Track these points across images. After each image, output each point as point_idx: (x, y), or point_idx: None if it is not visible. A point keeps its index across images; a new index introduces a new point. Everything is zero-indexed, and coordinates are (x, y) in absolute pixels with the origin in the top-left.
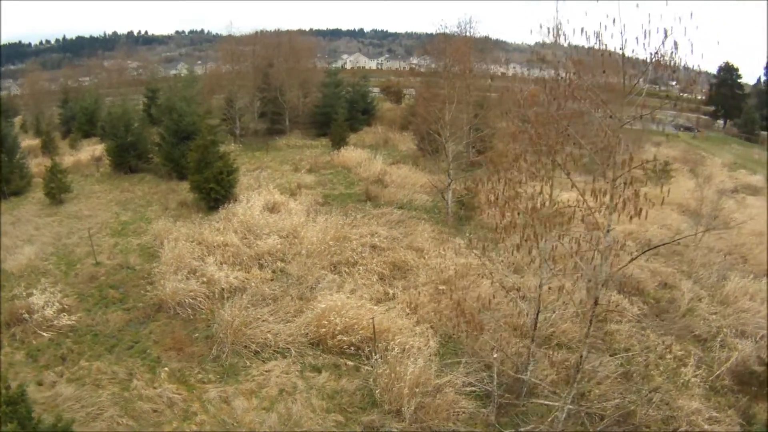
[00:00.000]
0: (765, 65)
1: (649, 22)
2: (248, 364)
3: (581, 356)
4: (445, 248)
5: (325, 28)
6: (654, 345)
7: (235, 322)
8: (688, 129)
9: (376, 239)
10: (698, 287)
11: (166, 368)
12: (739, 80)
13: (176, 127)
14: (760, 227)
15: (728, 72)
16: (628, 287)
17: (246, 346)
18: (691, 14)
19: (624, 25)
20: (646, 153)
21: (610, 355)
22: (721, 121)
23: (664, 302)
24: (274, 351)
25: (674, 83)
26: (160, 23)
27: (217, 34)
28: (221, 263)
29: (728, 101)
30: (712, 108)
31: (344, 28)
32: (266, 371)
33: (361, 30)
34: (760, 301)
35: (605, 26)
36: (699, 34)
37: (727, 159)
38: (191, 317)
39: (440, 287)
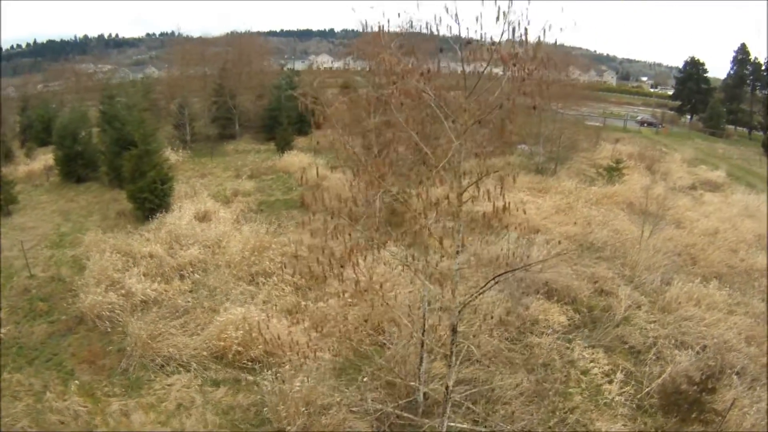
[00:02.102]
0: (732, 60)
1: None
2: (153, 377)
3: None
4: (368, 257)
5: (296, 29)
6: (578, 359)
7: (143, 335)
8: (651, 124)
9: (300, 248)
10: (639, 293)
11: (77, 381)
12: (705, 75)
13: (118, 135)
14: (714, 225)
15: (694, 67)
16: (558, 295)
17: (153, 360)
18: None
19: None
20: (602, 150)
21: (528, 371)
22: (687, 117)
23: (598, 311)
24: (178, 364)
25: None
26: (131, 26)
27: (188, 36)
28: (144, 275)
29: (694, 96)
30: (678, 103)
31: (315, 29)
32: (168, 385)
33: (332, 30)
34: (706, 307)
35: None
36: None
37: (687, 154)
38: (108, 330)
39: (349, 299)
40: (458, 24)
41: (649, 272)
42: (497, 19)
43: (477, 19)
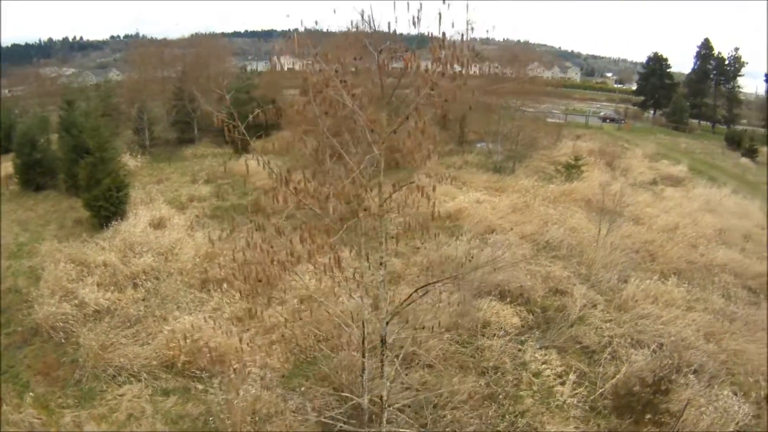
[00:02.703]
0: (695, 55)
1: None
2: (105, 388)
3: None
4: (321, 260)
5: (259, 29)
6: (530, 360)
7: (95, 346)
8: (613, 120)
9: (253, 253)
10: (595, 292)
11: (32, 393)
12: (668, 70)
13: (75, 143)
14: (674, 220)
15: (657, 62)
16: (512, 295)
17: (105, 370)
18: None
19: None
20: (562, 147)
21: (479, 374)
22: (651, 112)
23: (553, 311)
24: (130, 374)
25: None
26: (96, 28)
27: (152, 38)
28: (98, 284)
29: (657, 91)
30: (641, 98)
31: (278, 29)
32: (119, 395)
33: (296, 30)
34: (663, 304)
35: None
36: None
37: (649, 150)
38: (63, 341)
39: (298, 305)
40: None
41: (606, 270)
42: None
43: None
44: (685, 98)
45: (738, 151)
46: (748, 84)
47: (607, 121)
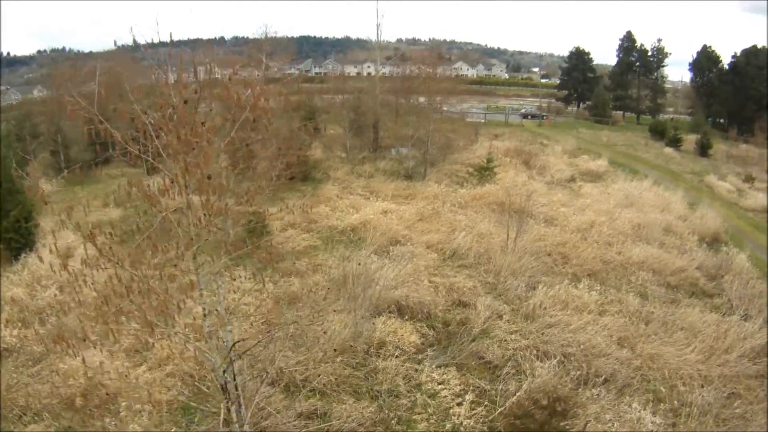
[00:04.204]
0: (618, 48)
1: None
2: (12, 428)
3: None
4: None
5: (186, 38)
6: (426, 381)
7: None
8: (534, 117)
9: (154, 282)
10: (501, 301)
11: None
12: (591, 64)
13: None
14: (590, 219)
15: (579, 57)
16: (411, 311)
17: (11, 411)
18: None
19: None
20: (479, 148)
21: (372, 399)
22: (574, 106)
23: (455, 325)
24: (34, 414)
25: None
26: (23, 42)
27: (79, 51)
28: (6, 321)
29: (580, 85)
30: (565, 93)
31: (204, 37)
32: None
33: (222, 38)
34: (574, 310)
35: None
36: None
37: (569, 145)
38: None
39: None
40: None
41: (514, 277)
42: None
43: None
44: (609, 91)
45: (662, 141)
46: (675, 73)
47: (529, 117)
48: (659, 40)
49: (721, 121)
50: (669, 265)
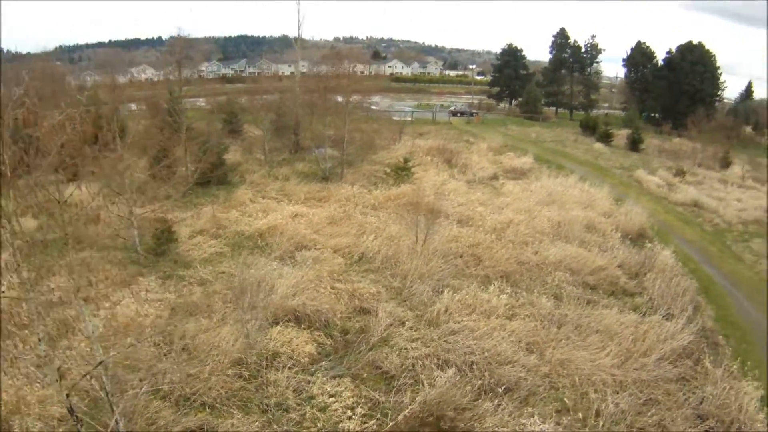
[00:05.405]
0: (551, 44)
1: None
2: None
3: None
4: (127, 292)
5: (123, 39)
6: (318, 393)
7: None
8: (463, 114)
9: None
10: (405, 307)
11: None
12: (523, 60)
13: None
14: (507, 218)
15: (511, 54)
16: (309, 320)
17: None
18: None
19: None
20: (400, 148)
21: (261, 413)
22: (507, 102)
23: (354, 333)
24: None
25: None
26: None
27: (17, 52)
28: None
29: (512, 82)
30: (497, 89)
31: (143, 38)
32: None
33: (160, 38)
34: (481, 314)
35: None
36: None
37: (496, 142)
38: None
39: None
40: None
41: (421, 281)
42: None
43: None
44: (542, 87)
45: (593, 137)
46: (611, 69)
47: (458, 115)
48: (593, 37)
49: (655, 115)
50: (588, 264)
